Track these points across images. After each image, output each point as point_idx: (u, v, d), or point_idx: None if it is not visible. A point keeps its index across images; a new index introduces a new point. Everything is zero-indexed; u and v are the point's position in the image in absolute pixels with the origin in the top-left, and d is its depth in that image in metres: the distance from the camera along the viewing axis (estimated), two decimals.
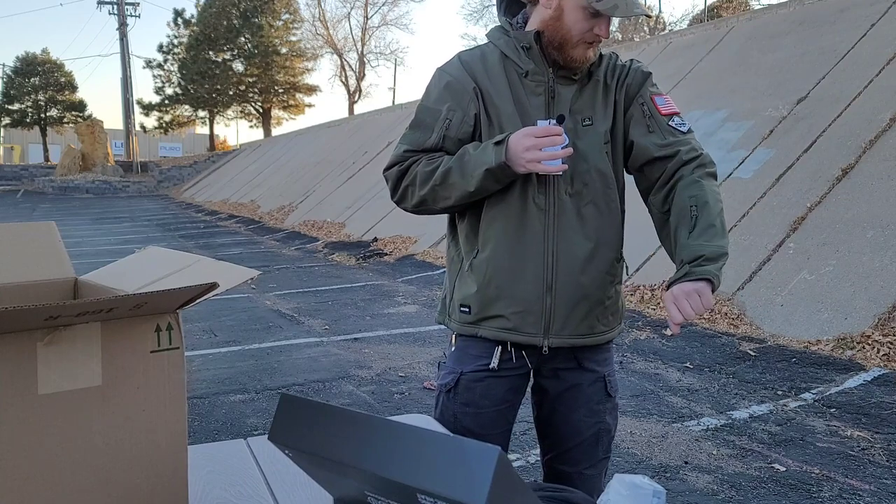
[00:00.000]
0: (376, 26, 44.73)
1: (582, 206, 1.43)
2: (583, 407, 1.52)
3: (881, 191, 5.54)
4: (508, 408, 1.53)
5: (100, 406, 0.82)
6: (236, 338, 5.32)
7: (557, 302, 1.43)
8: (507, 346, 1.48)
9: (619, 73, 1.50)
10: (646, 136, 1.47)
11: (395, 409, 3.71)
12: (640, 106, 1.48)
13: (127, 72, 35.82)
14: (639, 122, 1.47)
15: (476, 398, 1.50)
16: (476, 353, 1.51)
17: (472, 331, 1.50)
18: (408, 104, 18.35)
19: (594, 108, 1.46)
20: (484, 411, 1.50)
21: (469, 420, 1.50)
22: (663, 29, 26.77)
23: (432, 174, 1.42)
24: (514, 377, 1.51)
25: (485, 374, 1.49)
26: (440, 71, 1.51)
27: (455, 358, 1.54)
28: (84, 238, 12.97)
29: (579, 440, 1.53)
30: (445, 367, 1.56)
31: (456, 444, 0.56)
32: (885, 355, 4.21)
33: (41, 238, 1.04)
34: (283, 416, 0.72)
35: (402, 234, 10.47)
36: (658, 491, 0.86)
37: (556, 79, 1.44)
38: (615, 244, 1.49)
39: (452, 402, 1.52)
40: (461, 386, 1.51)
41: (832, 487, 2.73)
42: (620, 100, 1.48)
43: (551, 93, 1.43)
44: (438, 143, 1.45)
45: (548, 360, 1.50)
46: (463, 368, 1.51)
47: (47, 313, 0.73)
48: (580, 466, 1.54)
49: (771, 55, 8.50)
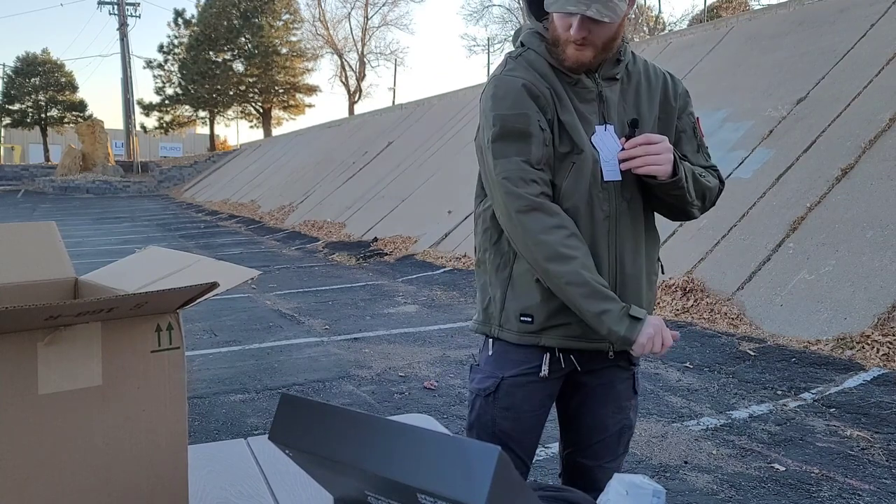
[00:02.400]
0: (376, 26, 44.81)
1: (635, 210, 1.46)
2: (612, 403, 1.53)
3: (881, 191, 5.54)
4: (545, 412, 1.54)
5: (100, 406, 0.82)
6: (236, 338, 5.32)
7: None
8: (555, 352, 1.46)
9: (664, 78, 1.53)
10: (695, 155, 1.53)
11: (395, 409, 3.71)
12: (692, 125, 1.54)
13: (127, 72, 35.87)
14: (690, 141, 1.53)
15: (517, 402, 1.49)
16: (517, 357, 1.48)
17: (532, 340, 1.46)
18: (408, 104, 18.34)
19: (639, 109, 1.47)
20: (524, 415, 1.50)
21: (508, 424, 1.50)
22: (663, 29, 26.77)
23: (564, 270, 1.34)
24: (555, 381, 1.51)
25: (528, 378, 1.48)
26: (508, 77, 1.40)
27: (493, 362, 1.51)
28: (84, 238, 12.97)
29: (604, 435, 1.54)
30: (481, 371, 1.53)
31: (456, 444, 0.56)
32: (884, 355, 4.21)
33: (41, 238, 1.04)
34: (284, 415, 0.72)
35: (402, 234, 10.48)
36: (658, 491, 0.86)
37: (602, 82, 1.43)
38: (657, 243, 1.55)
39: (492, 407, 1.50)
40: (502, 391, 1.49)
41: (832, 487, 2.73)
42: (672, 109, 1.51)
43: (601, 97, 1.43)
44: (542, 157, 1.37)
45: (590, 361, 1.50)
46: (504, 373, 1.49)
47: (47, 313, 0.73)
48: (602, 461, 1.55)
49: (771, 55, 8.50)
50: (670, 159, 1.37)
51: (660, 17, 28.27)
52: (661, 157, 1.36)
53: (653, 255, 1.52)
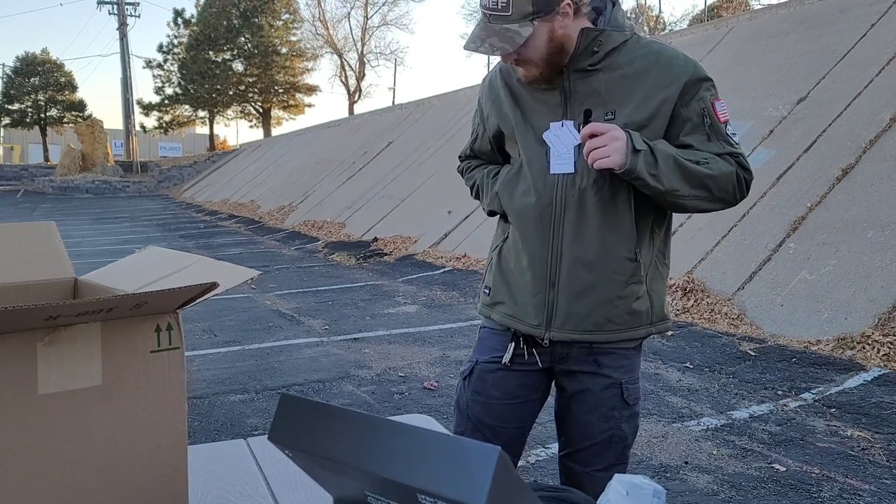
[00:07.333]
0: (376, 26, 44.75)
1: (589, 204, 1.41)
2: (595, 411, 1.51)
3: (881, 191, 5.54)
4: (521, 404, 1.55)
5: (100, 406, 0.82)
6: (236, 338, 5.32)
7: (560, 297, 1.45)
8: (519, 343, 1.52)
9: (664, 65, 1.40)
10: (704, 144, 1.41)
11: (395, 409, 3.71)
12: (701, 112, 1.41)
13: (127, 72, 35.85)
14: (697, 129, 1.41)
15: (487, 388, 1.55)
16: (492, 344, 1.57)
17: (487, 312, 1.58)
18: (408, 104, 18.34)
19: (619, 100, 1.38)
20: (493, 402, 1.54)
21: (479, 409, 1.55)
22: (663, 29, 26.77)
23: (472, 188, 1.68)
24: (527, 373, 1.53)
25: (496, 365, 1.54)
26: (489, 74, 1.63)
27: (475, 347, 1.62)
28: (84, 238, 12.97)
29: (590, 442, 1.53)
30: (469, 357, 1.65)
31: (456, 444, 0.56)
32: (885, 355, 4.21)
33: (41, 238, 1.04)
34: (283, 416, 0.72)
35: (402, 234, 10.47)
36: (658, 491, 0.85)
37: (573, 74, 1.40)
38: (625, 243, 1.42)
39: (466, 389, 1.59)
40: (475, 374, 1.57)
41: (832, 487, 2.73)
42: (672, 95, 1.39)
43: (564, 91, 1.42)
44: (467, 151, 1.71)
45: (562, 360, 1.51)
46: (479, 357, 1.58)
47: (47, 313, 0.72)
48: (590, 467, 1.54)
49: (771, 55, 8.50)
50: (619, 149, 1.29)
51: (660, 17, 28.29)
52: (607, 148, 1.29)
53: (617, 253, 1.42)
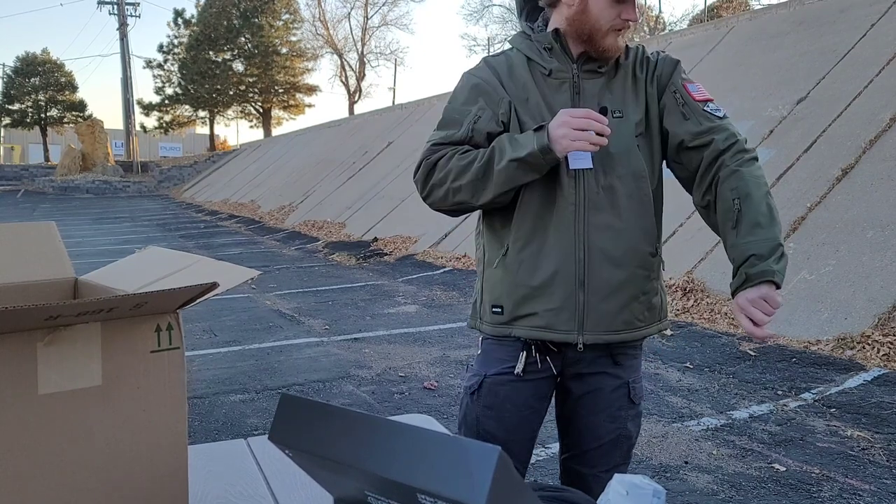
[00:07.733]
0: (376, 26, 44.73)
1: (613, 201, 1.41)
2: (604, 411, 1.50)
3: (881, 191, 5.54)
4: (532, 414, 1.51)
5: (100, 406, 0.82)
6: (236, 338, 5.32)
7: (590, 298, 1.41)
8: (531, 351, 1.46)
9: (648, 64, 1.48)
10: (681, 124, 1.44)
11: (395, 409, 3.71)
12: (672, 94, 1.46)
13: (127, 72, 35.85)
14: (673, 111, 1.45)
15: (499, 401, 1.48)
16: (500, 356, 1.49)
17: (504, 331, 1.47)
18: (408, 104, 18.34)
19: (624, 101, 1.44)
20: (506, 415, 1.48)
21: (491, 423, 1.49)
22: (663, 29, 26.77)
23: (469, 166, 1.38)
24: (538, 381, 1.49)
25: (508, 377, 1.48)
26: (467, 74, 1.51)
27: (480, 361, 1.53)
28: (84, 238, 12.97)
29: (598, 444, 1.51)
30: (471, 370, 1.55)
31: (456, 444, 0.56)
32: (885, 355, 4.21)
33: (41, 238, 1.04)
34: (283, 416, 0.72)
35: (402, 234, 10.48)
36: (658, 491, 0.85)
37: (580, 74, 1.44)
38: (649, 239, 1.45)
39: (475, 405, 1.51)
40: (484, 389, 1.50)
41: (832, 487, 2.73)
42: (653, 91, 1.46)
43: (576, 88, 1.43)
44: (467, 135, 1.43)
45: (573, 364, 1.48)
46: (487, 371, 1.50)
47: (47, 313, 0.72)
48: (596, 469, 1.52)
49: (771, 55, 8.50)
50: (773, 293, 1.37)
51: (660, 17, 28.28)
52: (771, 301, 1.36)
53: (641, 250, 1.44)
